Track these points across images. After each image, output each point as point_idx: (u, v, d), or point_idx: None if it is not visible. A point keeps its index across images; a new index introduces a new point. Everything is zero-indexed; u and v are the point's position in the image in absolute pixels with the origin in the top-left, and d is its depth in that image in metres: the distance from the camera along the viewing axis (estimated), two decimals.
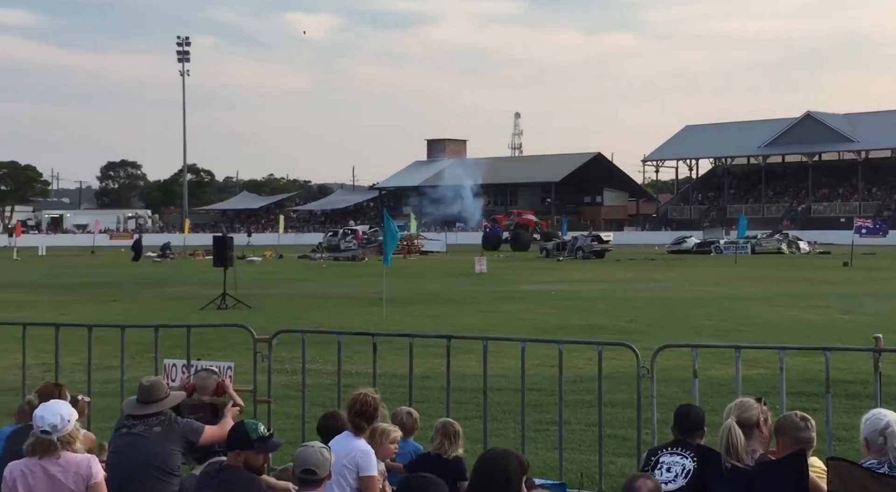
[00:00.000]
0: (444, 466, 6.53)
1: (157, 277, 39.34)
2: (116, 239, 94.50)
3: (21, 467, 5.40)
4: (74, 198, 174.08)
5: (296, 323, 19.49)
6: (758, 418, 5.46)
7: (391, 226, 24.24)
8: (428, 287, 32.60)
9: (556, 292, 29.90)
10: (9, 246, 68.04)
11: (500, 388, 11.30)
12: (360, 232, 70.96)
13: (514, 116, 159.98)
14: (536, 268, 47.21)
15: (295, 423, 9.26)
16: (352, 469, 6.07)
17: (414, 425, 7.46)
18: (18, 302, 26.42)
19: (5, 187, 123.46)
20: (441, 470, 6.05)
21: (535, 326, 19.68)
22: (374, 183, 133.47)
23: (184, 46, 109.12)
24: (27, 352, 8.94)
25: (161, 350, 8.81)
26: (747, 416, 5.43)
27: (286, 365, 12.86)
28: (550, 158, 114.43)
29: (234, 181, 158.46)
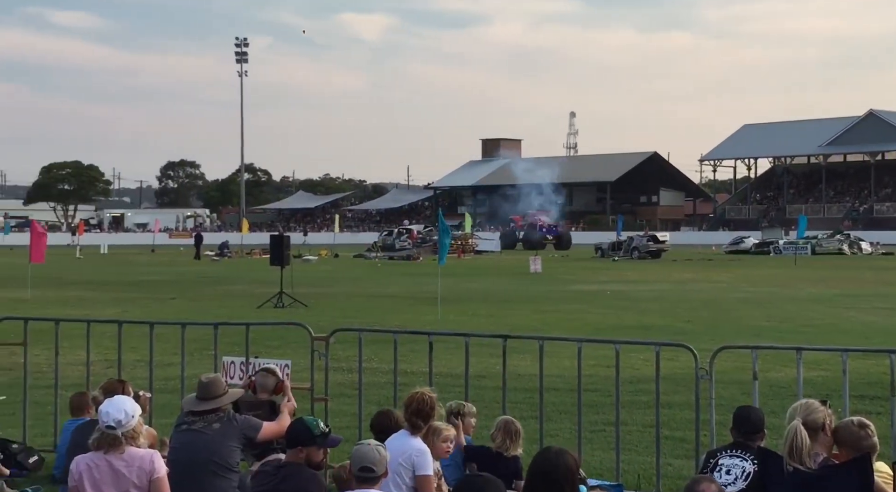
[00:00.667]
0: (504, 464, 6.53)
1: (216, 276, 39.85)
2: (175, 238, 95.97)
3: (87, 461, 5.51)
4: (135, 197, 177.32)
5: (351, 322, 19.61)
6: (823, 421, 5.37)
7: (444, 228, 24.29)
8: (482, 287, 32.58)
9: (611, 293, 29.69)
10: (72, 244, 69.48)
11: (556, 388, 11.25)
12: (415, 231, 71.23)
13: (570, 116, 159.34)
14: (591, 268, 46.93)
15: (351, 421, 9.32)
16: (407, 468, 6.10)
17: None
18: (81, 299, 26.96)
19: (69, 187, 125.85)
20: (500, 468, 6.07)
21: (591, 327, 19.57)
22: (429, 182, 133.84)
23: (242, 47, 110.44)
24: (90, 348, 9.10)
25: (220, 348, 8.92)
26: (812, 418, 5.34)
27: (342, 363, 12.93)
28: (606, 158, 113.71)
29: (291, 181, 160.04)
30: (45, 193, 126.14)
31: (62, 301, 25.99)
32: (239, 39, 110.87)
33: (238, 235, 78.22)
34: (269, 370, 7.98)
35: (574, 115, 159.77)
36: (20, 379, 9.48)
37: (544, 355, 7.94)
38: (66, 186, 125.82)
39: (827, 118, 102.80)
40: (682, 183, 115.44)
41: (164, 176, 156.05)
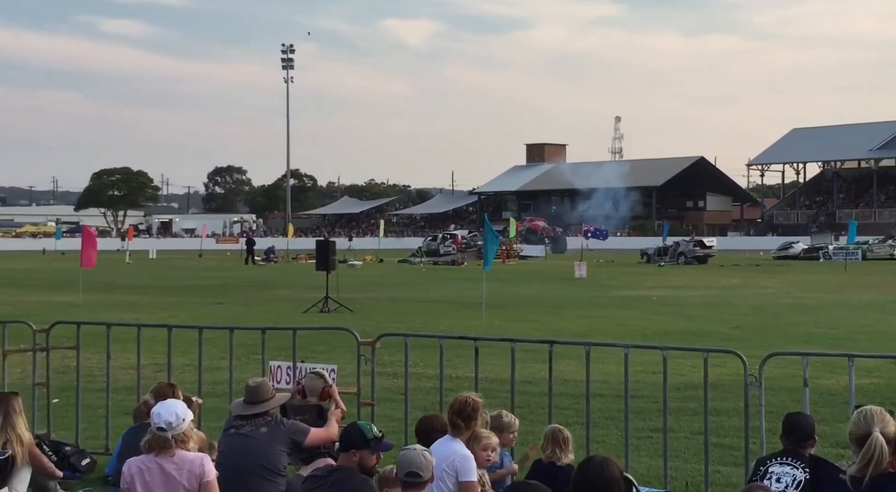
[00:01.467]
0: (557, 473, 6.50)
1: (262, 280, 40.19)
2: (222, 243, 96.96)
3: (138, 464, 5.58)
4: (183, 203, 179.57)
5: (397, 326, 19.66)
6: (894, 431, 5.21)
7: (490, 233, 24.26)
8: (527, 292, 32.51)
9: (657, 298, 29.47)
10: (122, 249, 70.51)
11: (602, 394, 11.19)
12: (460, 237, 71.25)
13: (615, 120, 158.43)
14: (637, 273, 46.60)
15: (397, 426, 9.34)
16: (451, 474, 6.10)
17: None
18: (131, 304, 27.32)
19: (118, 193, 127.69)
20: (554, 478, 6.05)
21: (637, 332, 19.43)
22: (474, 188, 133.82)
23: (288, 54, 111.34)
24: (141, 352, 9.22)
25: (267, 352, 8.99)
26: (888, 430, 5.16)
27: (388, 368, 12.97)
28: (652, 163, 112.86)
29: (336, 186, 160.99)
30: (95, 198, 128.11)
31: (112, 305, 26.37)
32: (285, 46, 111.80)
33: (284, 240, 78.82)
34: (317, 374, 8.03)
35: (619, 119, 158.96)
36: (73, 382, 9.63)
37: (590, 361, 7.90)
38: (116, 191, 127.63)
39: (878, 122, 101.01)
40: (730, 187, 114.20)
41: (212, 182, 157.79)
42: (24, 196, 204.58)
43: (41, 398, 9.15)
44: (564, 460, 6.71)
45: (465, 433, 6.46)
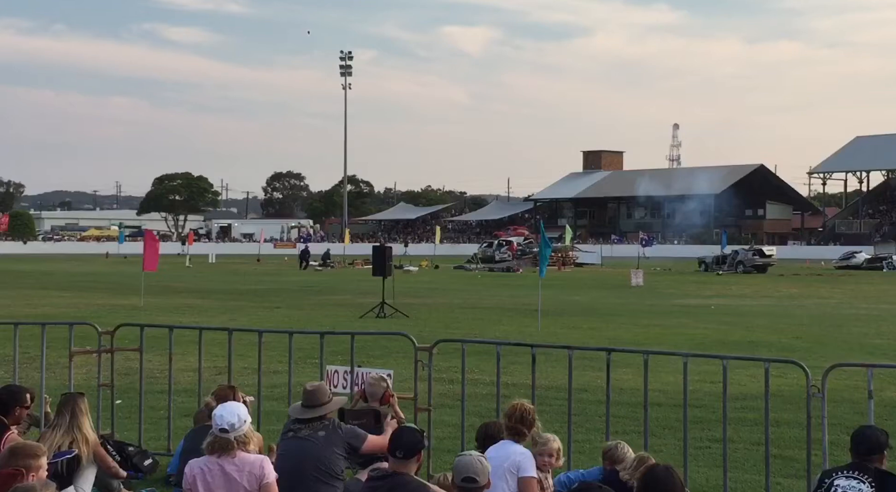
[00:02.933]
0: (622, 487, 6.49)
1: (319, 285, 40.51)
2: (280, 248, 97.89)
3: (200, 465, 5.67)
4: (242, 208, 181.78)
5: (452, 333, 19.70)
6: None
7: (545, 238, 24.17)
8: (583, 299, 32.32)
9: (715, 307, 29.11)
10: (182, 253, 71.54)
11: (659, 403, 11.09)
12: (515, 243, 71.11)
13: (673, 128, 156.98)
14: (695, 282, 46.08)
15: (453, 431, 9.36)
16: (513, 472, 6.16)
17: None
18: (191, 307, 27.72)
19: (179, 197, 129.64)
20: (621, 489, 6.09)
21: (695, 341, 19.22)
22: (529, 194, 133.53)
23: (346, 61, 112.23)
24: (202, 355, 9.35)
25: (324, 356, 9.07)
26: None
27: (444, 374, 12.99)
28: (710, 170, 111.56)
29: (392, 192, 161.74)
30: (157, 203, 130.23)
31: (174, 309, 26.77)
32: (343, 53, 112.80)
33: (340, 246, 79.39)
34: (379, 379, 8.09)
35: (678, 126, 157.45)
36: (136, 384, 9.80)
37: (648, 370, 7.84)
38: (177, 196, 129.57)
39: None
40: (790, 196, 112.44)
41: (270, 187, 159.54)
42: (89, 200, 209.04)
43: (105, 399, 9.31)
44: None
45: (525, 440, 6.50)
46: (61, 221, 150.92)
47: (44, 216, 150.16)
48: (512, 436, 6.47)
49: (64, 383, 9.42)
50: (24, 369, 10.66)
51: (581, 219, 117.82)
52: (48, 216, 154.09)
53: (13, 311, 24.98)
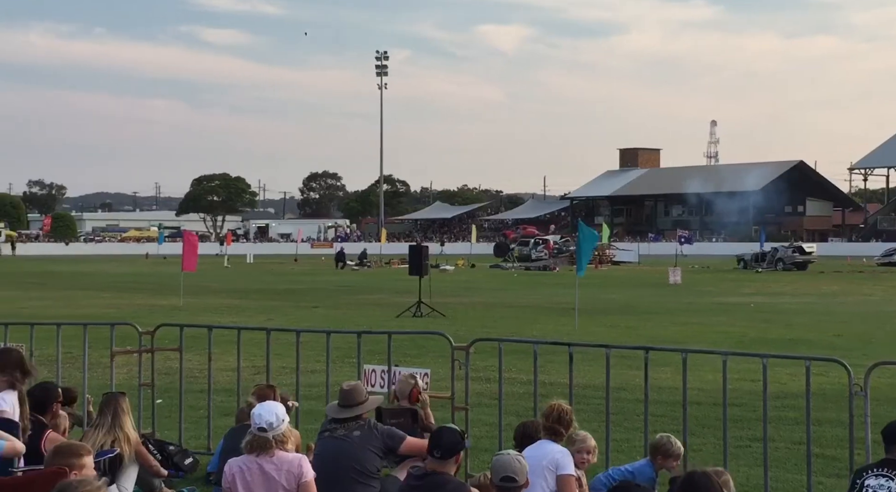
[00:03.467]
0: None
1: (356, 285, 40.66)
2: (317, 248, 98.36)
3: (239, 464, 5.72)
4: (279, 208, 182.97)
5: (489, 332, 19.69)
6: None
7: (586, 235, 24.03)
8: (620, 297, 32.16)
9: (755, 305, 28.84)
10: (220, 254, 72.13)
11: (698, 402, 11.00)
12: (552, 242, 70.88)
13: (710, 125, 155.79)
14: (733, 280, 45.67)
15: (490, 430, 9.35)
16: (551, 470, 6.18)
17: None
18: (230, 307, 27.95)
19: (217, 198, 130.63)
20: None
21: (734, 340, 19.06)
22: (566, 193, 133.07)
23: (382, 60, 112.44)
24: (241, 355, 9.42)
25: (362, 356, 9.10)
26: None
27: (481, 373, 12.99)
28: (749, 167, 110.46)
29: (428, 191, 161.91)
30: (195, 204, 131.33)
31: (213, 309, 27.01)
32: (379, 52, 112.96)
33: (377, 245, 79.64)
34: (408, 376, 8.11)
35: (715, 123, 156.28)
36: (176, 383, 9.90)
37: (687, 368, 7.78)
38: (215, 197, 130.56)
39: None
40: (831, 192, 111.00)
41: (307, 187, 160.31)
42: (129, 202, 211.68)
43: (146, 398, 9.41)
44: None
45: (562, 439, 6.51)
46: (102, 222, 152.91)
47: (85, 218, 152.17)
48: (549, 436, 6.48)
49: (106, 383, 9.53)
50: (67, 368, 10.80)
51: (618, 217, 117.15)
52: (89, 218, 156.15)
53: (56, 311, 25.34)
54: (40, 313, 24.64)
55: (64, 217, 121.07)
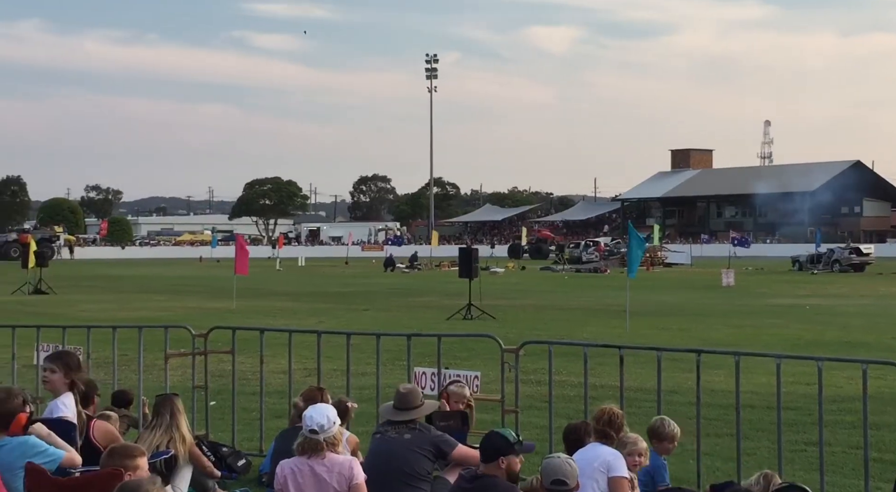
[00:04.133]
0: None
1: (406, 288, 40.77)
2: (368, 250, 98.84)
3: (291, 466, 5.77)
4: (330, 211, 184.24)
5: (539, 334, 19.62)
6: None
7: (637, 238, 23.85)
8: (672, 300, 31.86)
9: (810, 307, 28.39)
10: (272, 257, 72.80)
11: (752, 405, 10.86)
12: (603, 244, 70.51)
13: (764, 124, 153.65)
14: (788, 281, 45.02)
15: (541, 433, 9.31)
16: (603, 471, 6.15)
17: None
18: (282, 310, 28.19)
19: (269, 202, 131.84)
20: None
21: (789, 342, 18.78)
22: (617, 194, 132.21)
23: (432, 63, 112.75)
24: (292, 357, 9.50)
25: (412, 358, 9.12)
26: None
27: (531, 376, 12.95)
28: (804, 167, 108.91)
29: (478, 194, 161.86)
30: (248, 208, 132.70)
31: (265, 311, 27.27)
32: (429, 55, 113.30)
33: (427, 248, 79.81)
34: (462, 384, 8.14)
35: (769, 123, 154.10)
36: (229, 385, 10.01)
37: (740, 371, 7.69)
38: (267, 201, 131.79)
39: None
40: (889, 192, 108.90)
41: (357, 190, 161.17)
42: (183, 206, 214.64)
43: (200, 400, 9.53)
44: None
45: (612, 443, 6.47)
46: (157, 226, 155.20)
47: (140, 222, 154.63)
48: (599, 439, 6.45)
49: (160, 385, 9.67)
50: (123, 371, 10.96)
51: (670, 218, 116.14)
52: (145, 222, 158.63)
53: (112, 314, 25.79)
54: (97, 316, 25.09)
55: (120, 221, 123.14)
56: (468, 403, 8.10)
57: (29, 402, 6.10)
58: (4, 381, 9.61)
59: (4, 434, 5.86)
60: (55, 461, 5.77)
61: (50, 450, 5.84)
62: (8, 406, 5.90)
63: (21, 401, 6.00)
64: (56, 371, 6.75)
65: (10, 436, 5.86)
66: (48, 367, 6.86)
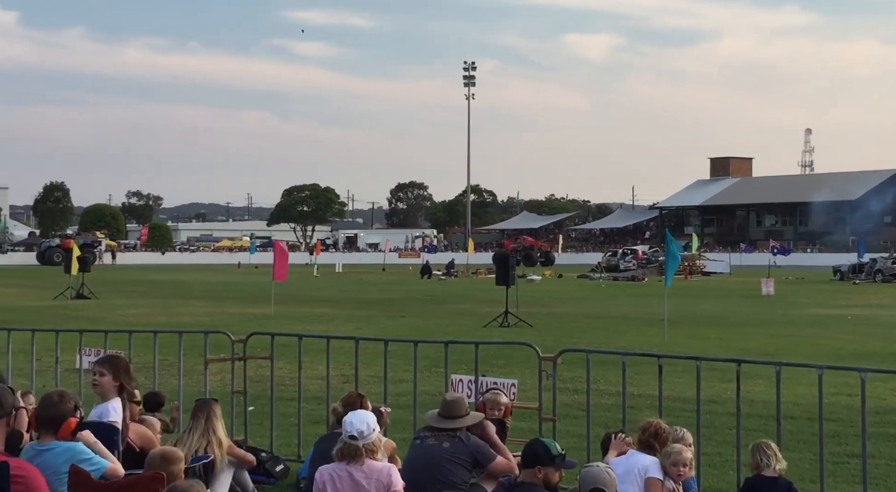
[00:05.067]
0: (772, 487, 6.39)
1: (443, 295, 40.80)
2: (405, 257, 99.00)
3: (330, 471, 5.80)
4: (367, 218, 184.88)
5: (577, 342, 19.54)
6: None
7: (673, 246, 23.72)
8: (711, 309, 31.59)
9: (852, 317, 28.01)
10: (310, 263, 73.18)
11: (793, 416, 10.74)
12: (640, 252, 70.07)
13: (805, 132, 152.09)
14: (829, 291, 44.46)
15: (579, 442, 9.27)
16: (642, 474, 6.15)
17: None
18: (319, 316, 28.32)
19: (307, 208, 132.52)
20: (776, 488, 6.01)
21: (830, 353, 18.55)
22: (655, 202, 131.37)
23: (470, 71, 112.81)
24: (330, 363, 9.54)
25: (449, 365, 9.12)
26: None
27: (568, 384, 12.91)
28: (845, 176, 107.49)
29: (515, 201, 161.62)
30: (286, 214, 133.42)
31: (303, 317, 27.41)
32: (466, 63, 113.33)
33: (464, 255, 79.81)
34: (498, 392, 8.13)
35: (810, 131, 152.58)
36: (267, 391, 10.07)
37: (781, 382, 7.61)
38: (305, 207, 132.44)
39: None
40: None
41: (395, 197, 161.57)
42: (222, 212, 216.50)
43: (238, 405, 9.59)
44: (777, 468, 6.56)
45: (654, 454, 6.47)
46: (196, 232, 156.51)
47: (180, 228, 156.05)
48: (642, 448, 6.44)
49: (200, 390, 9.74)
50: (163, 375, 11.09)
51: (708, 227, 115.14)
52: (184, 228, 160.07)
53: (152, 320, 26.07)
54: (138, 321, 25.38)
55: (160, 227, 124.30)
56: (506, 410, 8.07)
57: (80, 407, 6.15)
58: (48, 385, 9.74)
59: (53, 438, 5.91)
60: (99, 471, 5.80)
61: (95, 459, 5.88)
62: (60, 410, 5.94)
63: (73, 406, 6.05)
64: (105, 374, 6.82)
65: (58, 440, 5.92)
66: (98, 370, 6.92)
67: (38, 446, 5.89)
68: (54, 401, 5.96)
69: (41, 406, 6.05)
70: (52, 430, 5.88)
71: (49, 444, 5.86)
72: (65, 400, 6.00)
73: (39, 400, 6.40)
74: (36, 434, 6.07)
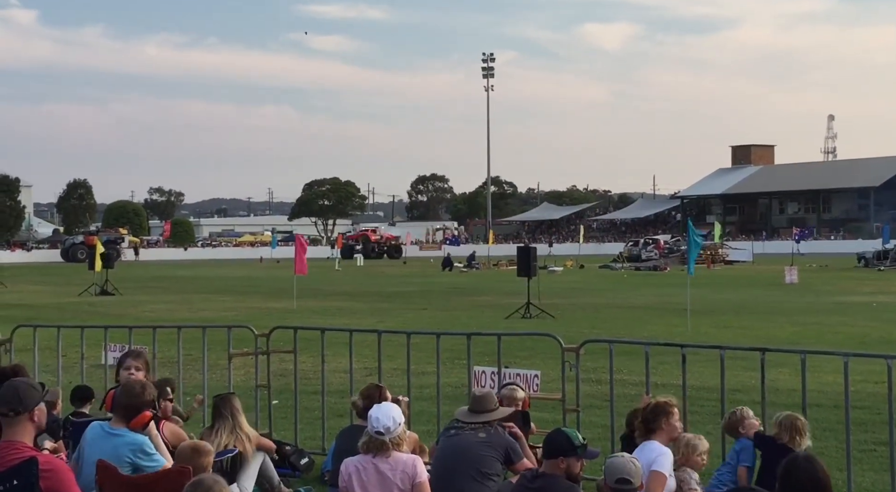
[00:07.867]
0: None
1: (464, 287, 40.81)
2: (426, 250, 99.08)
3: (356, 464, 5.84)
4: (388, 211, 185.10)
5: (599, 333, 19.51)
6: None
7: (694, 235, 23.65)
8: (735, 297, 31.44)
9: (877, 304, 27.79)
10: (331, 257, 73.39)
11: (818, 404, 10.67)
12: (662, 242, 69.82)
13: (828, 119, 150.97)
14: (854, 278, 44.14)
15: (602, 433, 9.27)
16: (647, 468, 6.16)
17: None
18: (341, 309, 28.41)
19: (328, 202, 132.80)
20: None
21: (855, 340, 18.42)
22: (676, 191, 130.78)
23: (488, 63, 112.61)
24: (353, 356, 9.57)
25: (472, 357, 9.12)
26: None
27: (591, 375, 12.89)
28: (868, 162, 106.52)
29: (536, 192, 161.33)
30: (307, 208, 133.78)
31: (325, 311, 27.50)
32: (485, 55, 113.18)
33: (485, 247, 79.79)
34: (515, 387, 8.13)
35: (833, 118, 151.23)
36: (290, 385, 10.11)
37: (806, 370, 7.56)
38: (326, 201, 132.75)
39: None
40: None
41: (415, 190, 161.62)
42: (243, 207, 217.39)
43: (262, 399, 9.64)
44: (802, 446, 6.62)
45: (661, 434, 6.48)
46: (218, 227, 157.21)
47: (202, 223, 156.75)
48: (647, 434, 6.47)
49: (224, 385, 9.80)
50: (188, 370, 11.15)
51: (730, 215, 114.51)
52: (206, 223, 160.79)
53: (176, 315, 26.24)
54: (162, 317, 25.55)
55: (182, 223, 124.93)
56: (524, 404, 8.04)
57: (157, 403, 6.19)
58: (74, 381, 9.82)
59: (124, 425, 5.98)
60: (156, 469, 5.84)
61: (156, 456, 5.94)
62: (140, 399, 6.03)
63: (151, 399, 6.13)
64: (140, 369, 6.86)
65: (129, 428, 5.97)
66: (133, 365, 6.96)
67: (109, 429, 5.97)
68: (136, 391, 6.07)
69: (122, 393, 6.17)
70: (126, 418, 5.98)
71: (119, 430, 5.95)
72: (146, 392, 6.09)
73: (122, 387, 6.50)
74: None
